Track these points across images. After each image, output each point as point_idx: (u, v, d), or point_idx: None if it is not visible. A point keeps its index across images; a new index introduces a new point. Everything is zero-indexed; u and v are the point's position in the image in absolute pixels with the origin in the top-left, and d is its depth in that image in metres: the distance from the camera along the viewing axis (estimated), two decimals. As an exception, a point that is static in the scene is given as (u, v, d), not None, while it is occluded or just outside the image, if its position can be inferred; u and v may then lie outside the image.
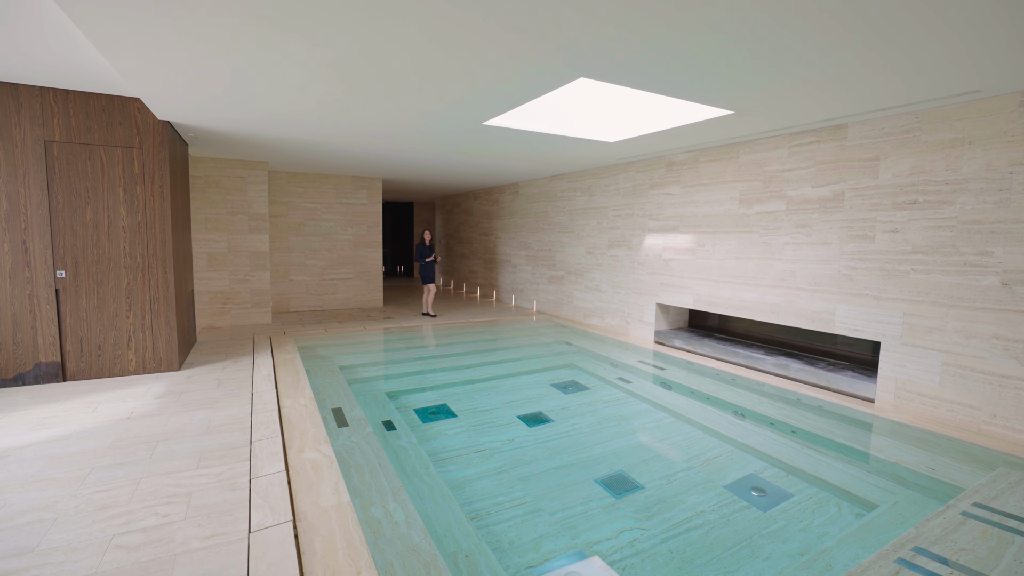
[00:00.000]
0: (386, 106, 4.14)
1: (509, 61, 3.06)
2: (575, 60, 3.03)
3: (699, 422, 4.13)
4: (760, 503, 2.91)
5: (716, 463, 3.36)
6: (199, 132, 5.37)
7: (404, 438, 3.69)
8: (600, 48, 2.83)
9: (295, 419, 3.75)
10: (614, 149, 6.03)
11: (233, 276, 7.38)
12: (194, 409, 3.90)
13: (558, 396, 4.73)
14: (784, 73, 3.21)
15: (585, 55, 2.95)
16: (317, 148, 6.29)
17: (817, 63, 3.01)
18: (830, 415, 4.26)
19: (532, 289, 9.77)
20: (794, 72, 3.18)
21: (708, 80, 3.37)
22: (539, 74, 3.28)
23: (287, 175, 8.71)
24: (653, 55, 2.94)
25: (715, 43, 2.74)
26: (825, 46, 2.75)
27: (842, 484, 3.14)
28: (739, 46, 2.77)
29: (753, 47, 2.78)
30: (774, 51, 2.84)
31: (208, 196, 7.11)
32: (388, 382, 5.10)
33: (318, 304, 9.20)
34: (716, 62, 3.03)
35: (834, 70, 3.13)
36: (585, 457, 3.43)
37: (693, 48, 2.81)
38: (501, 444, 3.64)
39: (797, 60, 2.97)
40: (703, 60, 2.99)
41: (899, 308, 4.14)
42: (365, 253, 9.58)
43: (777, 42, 2.71)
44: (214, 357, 5.56)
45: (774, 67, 3.09)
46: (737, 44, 2.75)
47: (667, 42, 2.73)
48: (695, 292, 6.09)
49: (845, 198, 4.49)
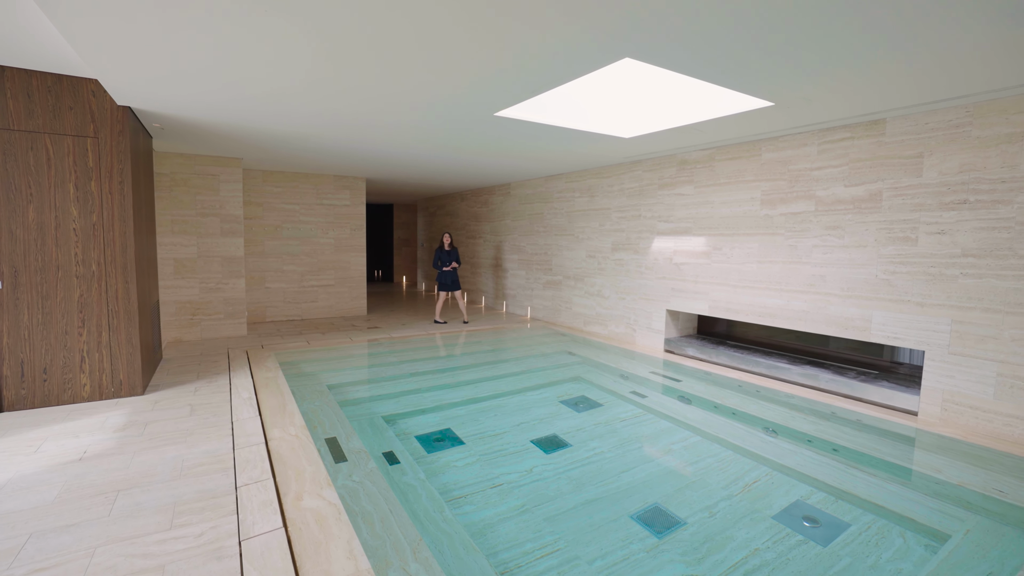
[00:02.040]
0: (383, 89, 3.60)
1: (540, 36, 2.61)
2: (622, 37, 2.61)
3: (728, 441, 3.78)
4: (817, 536, 2.59)
5: (757, 489, 3.02)
6: (166, 121, 4.72)
7: (411, 473, 3.18)
8: (651, 24, 2.43)
9: (287, 454, 3.19)
10: (628, 146, 5.65)
11: (204, 284, 6.67)
12: (163, 444, 3.28)
13: (570, 415, 4.30)
14: (836, 60, 2.86)
15: (634, 32, 2.53)
16: (299, 142, 5.69)
17: (870, 51, 2.67)
18: (872, 430, 3.96)
19: (525, 295, 9.32)
20: (845, 59, 2.85)
21: (759, 66, 3.00)
22: (577, 53, 2.83)
23: (263, 174, 8.02)
24: (708, 35, 2.54)
25: (773, 19, 2.36)
26: (883, 31, 2.40)
27: (900, 510, 2.84)
28: (798, 24, 2.40)
29: (808, 29, 2.42)
30: (826, 35, 2.48)
31: (175, 196, 6.40)
32: (383, 403, 4.56)
33: (297, 313, 8.52)
34: (770, 44, 2.65)
35: (886, 59, 2.80)
36: (614, 488, 3.02)
37: (751, 24, 2.43)
38: (518, 476, 3.18)
39: (849, 45, 2.62)
40: (758, 40, 2.61)
41: (946, 315, 3.86)
42: (348, 258, 8.95)
43: (830, 24, 2.36)
44: (184, 377, 4.90)
45: (826, 52, 2.74)
46: (797, 22, 2.37)
47: (724, 20, 2.35)
48: (711, 298, 5.76)
49: (883, 198, 4.21)
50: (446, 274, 8.31)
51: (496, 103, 3.96)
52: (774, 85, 3.38)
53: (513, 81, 3.39)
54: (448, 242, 8.40)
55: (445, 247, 8.38)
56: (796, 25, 2.47)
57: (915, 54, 2.80)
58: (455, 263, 8.37)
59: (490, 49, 2.82)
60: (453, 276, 8.33)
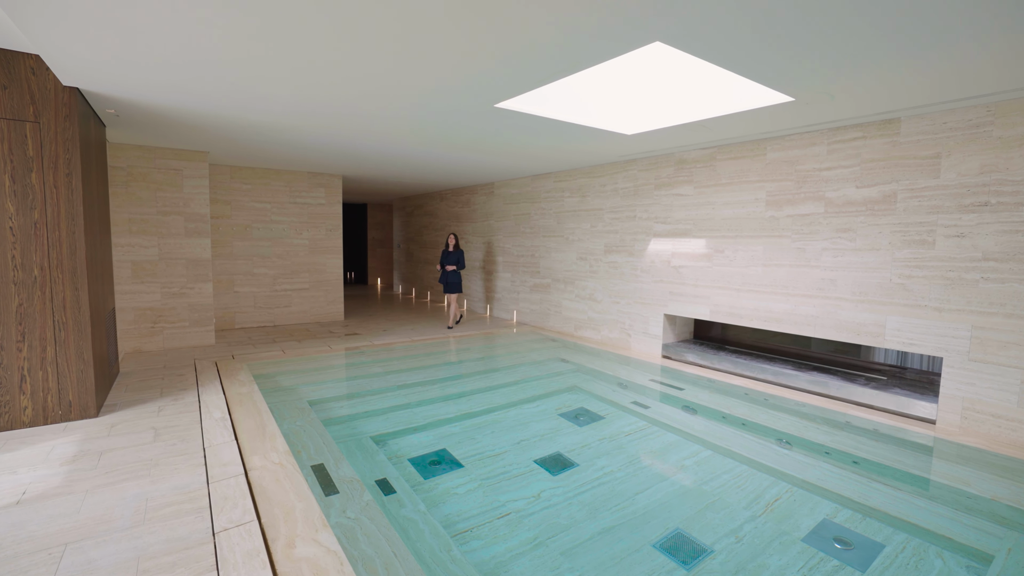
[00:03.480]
0: (374, 68, 3.20)
1: (557, 17, 2.31)
2: (655, 17, 2.33)
3: (741, 454, 3.59)
4: (852, 560, 2.43)
5: (780, 508, 2.85)
6: (122, 107, 4.18)
7: (409, 505, 2.82)
8: (687, 4, 2.16)
9: (272, 488, 2.77)
10: (629, 143, 5.40)
11: (166, 289, 6.08)
12: (123, 480, 2.81)
13: (572, 430, 4.01)
14: (870, 53, 2.67)
15: (668, 11, 2.25)
16: (274, 135, 5.21)
17: (906, 45, 2.48)
18: (889, 440, 3.82)
19: (511, 298, 9.00)
20: (879, 54, 2.65)
21: (791, 55, 2.77)
22: (605, 33, 2.54)
23: (230, 169, 7.43)
24: (745, 19, 2.29)
25: (812, 5, 2.13)
26: (916, 26, 2.21)
27: (934, 527, 2.70)
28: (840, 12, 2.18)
29: (848, 17, 2.20)
30: (866, 25, 2.27)
31: (132, 192, 5.79)
32: (371, 421, 4.15)
33: (268, 319, 7.95)
34: (810, 32, 2.42)
35: (917, 56, 2.62)
36: (630, 514, 2.77)
37: (790, 10, 2.19)
38: (526, 503, 2.88)
39: (885, 39, 2.43)
40: (797, 27, 2.38)
41: (966, 320, 3.75)
42: (323, 260, 8.43)
43: (867, 13, 2.15)
44: (145, 394, 4.36)
45: (862, 44, 2.53)
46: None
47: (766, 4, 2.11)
48: (712, 302, 5.57)
49: (897, 199, 4.09)
50: (445, 275, 8.04)
51: (498, 93, 3.63)
52: (802, 78, 3.17)
53: (523, 67, 3.07)
54: (453, 243, 8.10)
55: (449, 248, 8.09)
56: (838, 13, 2.24)
57: (940, 51, 2.63)
58: (452, 265, 8.04)
59: (501, 28, 2.49)
60: (452, 278, 8.04)
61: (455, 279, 8.07)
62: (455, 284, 8.09)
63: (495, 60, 2.96)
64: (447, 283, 8.09)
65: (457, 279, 8.09)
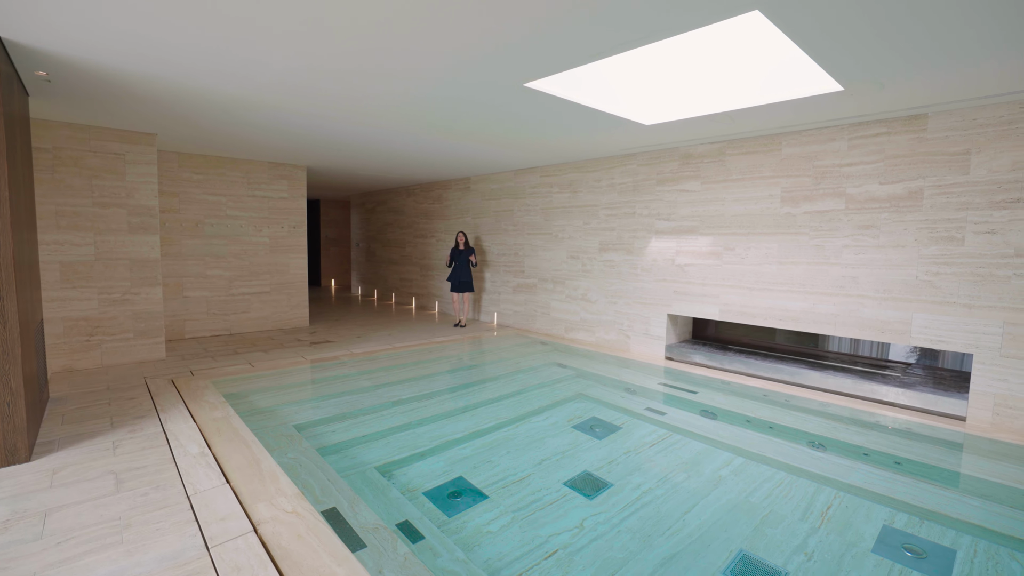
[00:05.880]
0: (396, 32, 2.70)
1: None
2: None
3: (777, 460, 3.43)
4: (930, 569, 2.35)
5: (836, 518, 2.71)
6: (58, 69, 3.35)
7: (445, 553, 2.35)
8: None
9: (294, 548, 2.19)
10: (644, 133, 5.09)
11: (105, 295, 5.11)
12: (84, 554, 2.12)
13: (592, 444, 3.68)
14: (949, 46, 2.50)
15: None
16: (240, 115, 4.46)
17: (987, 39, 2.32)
18: (925, 439, 3.77)
19: (491, 300, 8.55)
20: (958, 46, 2.49)
21: (875, 43, 2.55)
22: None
23: (178, 156, 6.46)
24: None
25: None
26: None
27: (998, 527, 2.65)
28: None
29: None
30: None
31: (61, 179, 4.80)
32: (371, 448, 3.58)
33: (224, 327, 7.02)
34: (905, 20, 2.19)
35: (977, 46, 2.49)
36: (686, 537, 2.51)
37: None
38: (571, 536, 2.52)
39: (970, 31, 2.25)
40: (895, 11, 2.14)
41: (998, 317, 3.75)
42: (286, 260, 7.58)
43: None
44: (90, 426, 3.54)
45: (947, 36, 2.35)
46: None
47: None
48: (722, 301, 5.41)
49: (924, 196, 4.05)
50: (456, 274, 7.98)
51: (533, 69, 3.18)
52: (873, 67, 2.98)
53: (584, 35, 2.65)
54: (463, 242, 8.00)
55: (459, 247, 8.01)
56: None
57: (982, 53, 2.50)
58: (456, 262, 8.02)
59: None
60: (463, 276, 7.96)
61: (466, 277, 7.95)
62: (467, 283, 7.95)
63: (532, 27, 2.52)
64: (458, 282, 8.00)
65: (468, 277, 7.97)
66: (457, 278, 8.00)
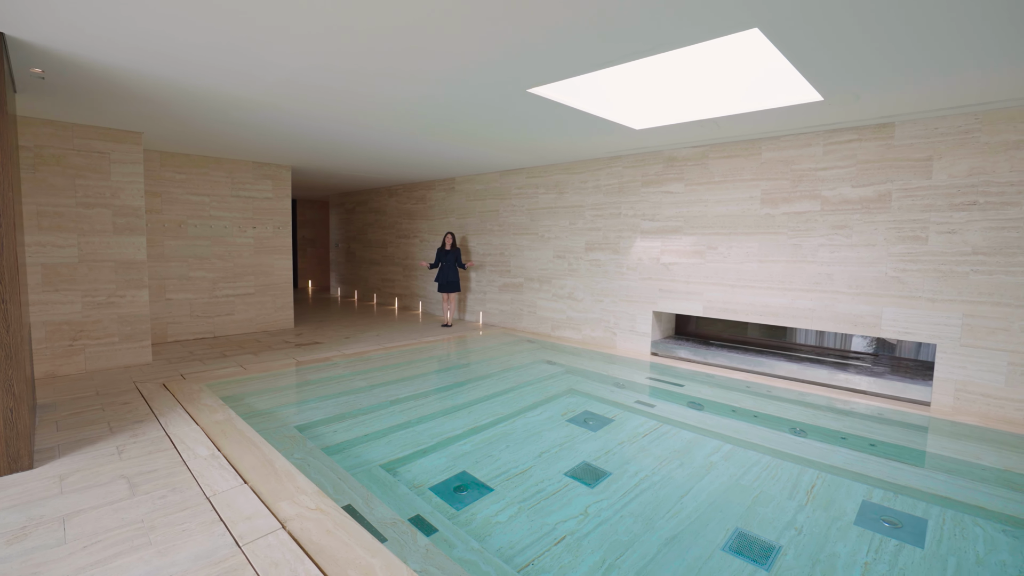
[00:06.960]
0: (414, 35, 2.79)
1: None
2: (759, 2, 2.19)
3: (763, 445, 3.70)
4: (908, 537, 2.58)
5: (820, 495, 2.98)
6: (54, 65, 3.29)
7: (460, 544, 2.47)
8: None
9: (327, 543, 2.26)
10: (634, 137, 5.29)
11: (89, 297, 4.97)
12: (114, 556, 2.14)
13: (588, 436, 3.86)
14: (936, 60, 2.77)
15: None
16: (231, 114, 4.43)
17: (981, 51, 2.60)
18: (895, 423, 4.10)
19: (476, 299, 8.64)
20: (948, 60, 2.76)
21: (854, 59, 2.79)
22: (693, 15, 2.35)
23: (160, 156, 6.31)
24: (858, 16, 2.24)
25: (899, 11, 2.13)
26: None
27: (963, 499, 2.99)
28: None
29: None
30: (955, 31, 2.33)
31: (42, 178, 4.65)
32: (374, 446, 3.64)
33: (208, 329, 6.89)
34: (901, 34, 2.43)
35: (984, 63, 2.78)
36: (685, 519, 2.72)
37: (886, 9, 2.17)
38: (577, 523, 2.68)
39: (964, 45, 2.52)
40: (893, 28, 2.37)
41: (958, 310, 4.09)
42: (271, 261, 7.49)
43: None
44: (89, 432, 3.49)
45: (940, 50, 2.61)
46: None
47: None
48: (705, 298, 5.67)
49: (892, 198, 4.37)
50: (443, 273, 8.11)
51: (537, 75, 3.31)
52: (858, 79, 3.23)
53: (588, 45, 2.80)
54: (450, 242, 8.13)
55: (446, 247, 8.11)
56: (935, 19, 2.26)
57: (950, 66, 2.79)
58: (441, 263, 8.14)
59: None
60: (451, 277, 8.11)
61: (454, 277, 8.07)
62: (454, 283, 8.08)
63: (540, 34, 2.65)
64: (446, 281, 8.12)
65: (456, 277, 8.09)
66: (445, 278, 8.09)
